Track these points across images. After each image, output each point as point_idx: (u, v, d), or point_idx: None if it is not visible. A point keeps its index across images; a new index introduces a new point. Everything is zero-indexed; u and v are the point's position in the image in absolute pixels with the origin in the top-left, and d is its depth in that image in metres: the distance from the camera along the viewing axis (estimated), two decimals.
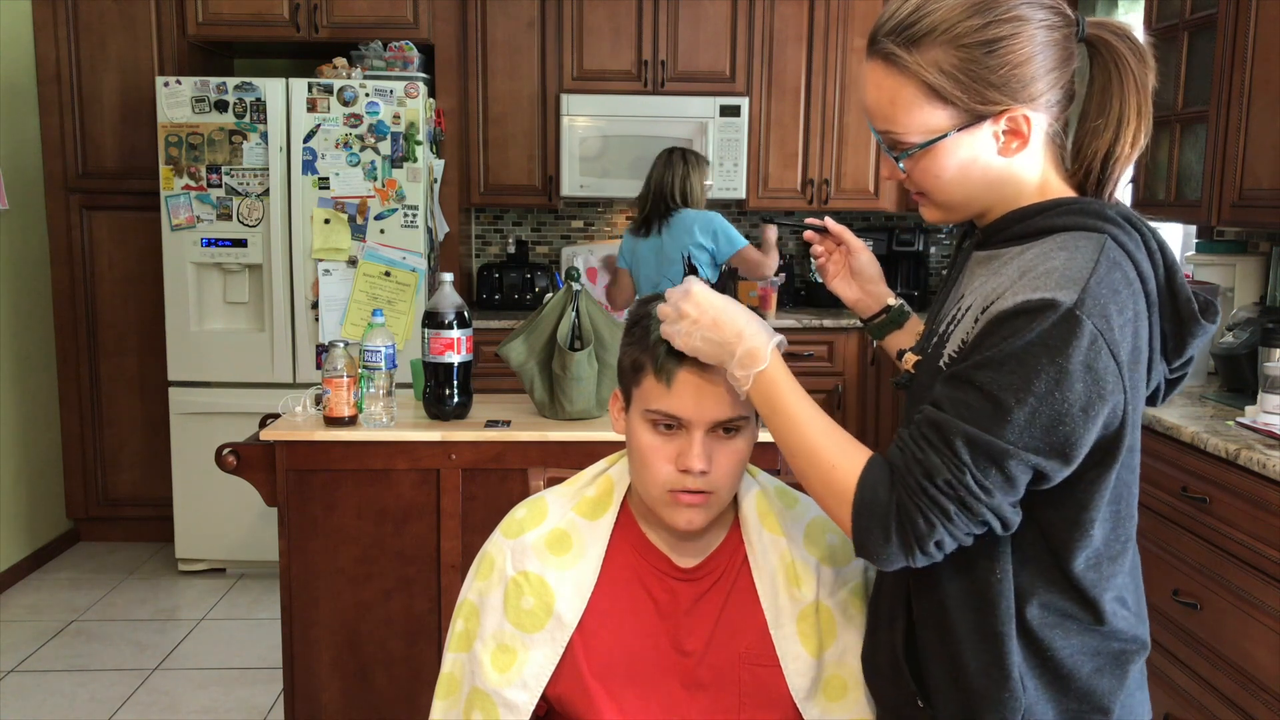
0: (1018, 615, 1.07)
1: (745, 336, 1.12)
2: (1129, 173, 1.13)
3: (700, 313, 1.14)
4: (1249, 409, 2.42)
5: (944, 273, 4.79)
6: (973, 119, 1.05)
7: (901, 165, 1.11)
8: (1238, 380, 2.75)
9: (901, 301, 1.41)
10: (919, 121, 1.07)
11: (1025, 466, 0.99)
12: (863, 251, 1.41)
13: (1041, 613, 1.07)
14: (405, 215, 3.71)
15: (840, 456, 1.07)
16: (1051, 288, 0.98)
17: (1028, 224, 1.09)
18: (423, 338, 2.33)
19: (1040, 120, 1.07)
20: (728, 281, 1.11)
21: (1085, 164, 1.11)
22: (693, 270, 1.27)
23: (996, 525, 1.02)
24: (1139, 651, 1.12)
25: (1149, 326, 1.04)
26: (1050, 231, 1.06)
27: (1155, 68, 1.10)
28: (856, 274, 1.42)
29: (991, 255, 1.12)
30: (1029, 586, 1.07)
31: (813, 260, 1.47)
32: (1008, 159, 1.08)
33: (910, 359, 1.18)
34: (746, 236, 3.53)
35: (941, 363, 1.09)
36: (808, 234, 1.44)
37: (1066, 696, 1.09)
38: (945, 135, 1.06)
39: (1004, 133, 1.07)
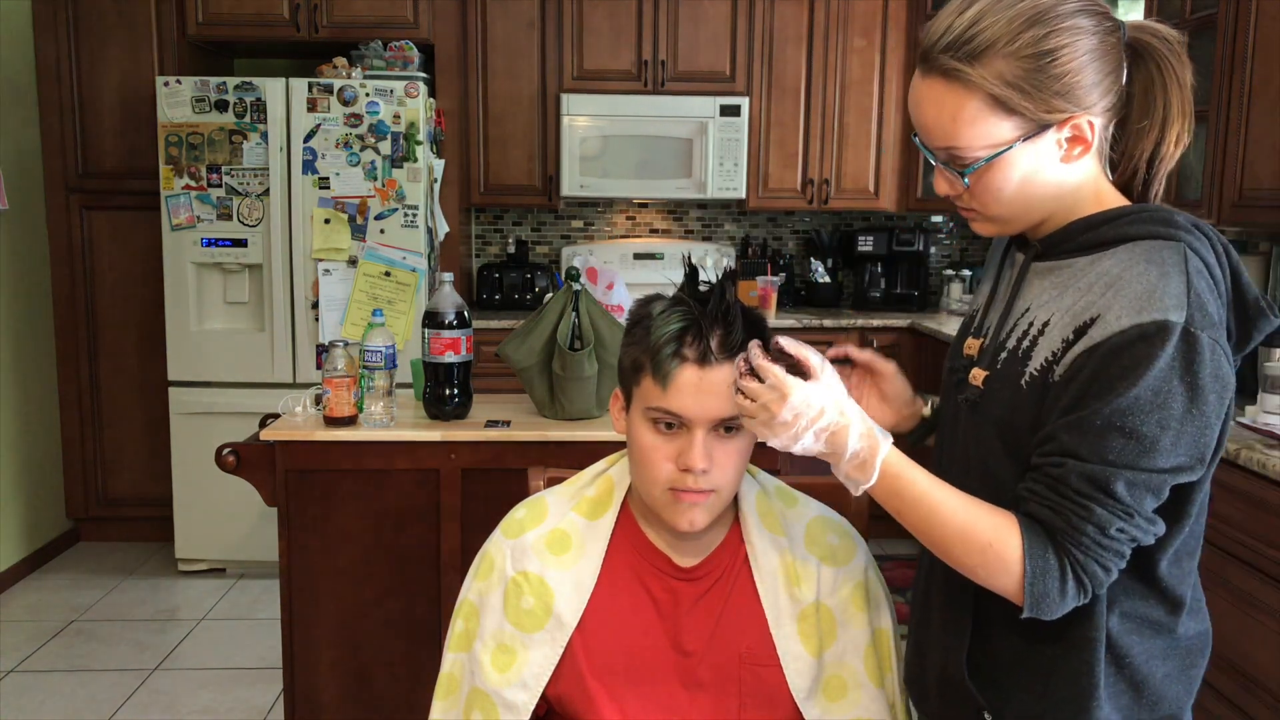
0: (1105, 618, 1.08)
1: (850, 451, 1.07)
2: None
3: (799, 424, 1.08)
4: (1249, 409, 2.42)
5: (967, 273, 4.65)
6: (1037, 128, 1.05)
7: (966, 181, 1.09)
8: (1238, 380, 2.74)
9: (933, 402, 1.34)
10: (985, 135, 1.06)
11: (1175, 480, 1.02)
12: (895, 377, 1.31)
13: (1121, 620, 1.08)
14: (405, 215, 3.71)
15: (994, 533, 1.04)
16: (1158, 308, 0.99)
17: (1096, 233, 1.08)
18: (423, 338, 2.33)
19: (1099, 126, 1.08)
20: (726, 284, 1.11)
21: (1132, 166, 1.12)
22: (693, 270, 1.26)
23: (1153, 539, 1.04)
24: (1206, 648, 1.14)
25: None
26: (1122, 240, 1.07)
27: (1192, 66, 1.11)
28: (890, 399, 1.32)
29: (1055, 266, 1.11)
30: (1111, 593, 1.08)
31: None
32: (1068, 165, 1.08)
33: (978, 374, 1.14)
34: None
35: (1024, 381, 1.08)
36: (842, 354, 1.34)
37: (1138, 705, 1.10)
38: (1010, 147, 1.06)
39: (1067, 140, 1.07)
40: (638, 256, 4.60)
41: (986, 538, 1.04)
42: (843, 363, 1.31)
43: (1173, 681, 1.11)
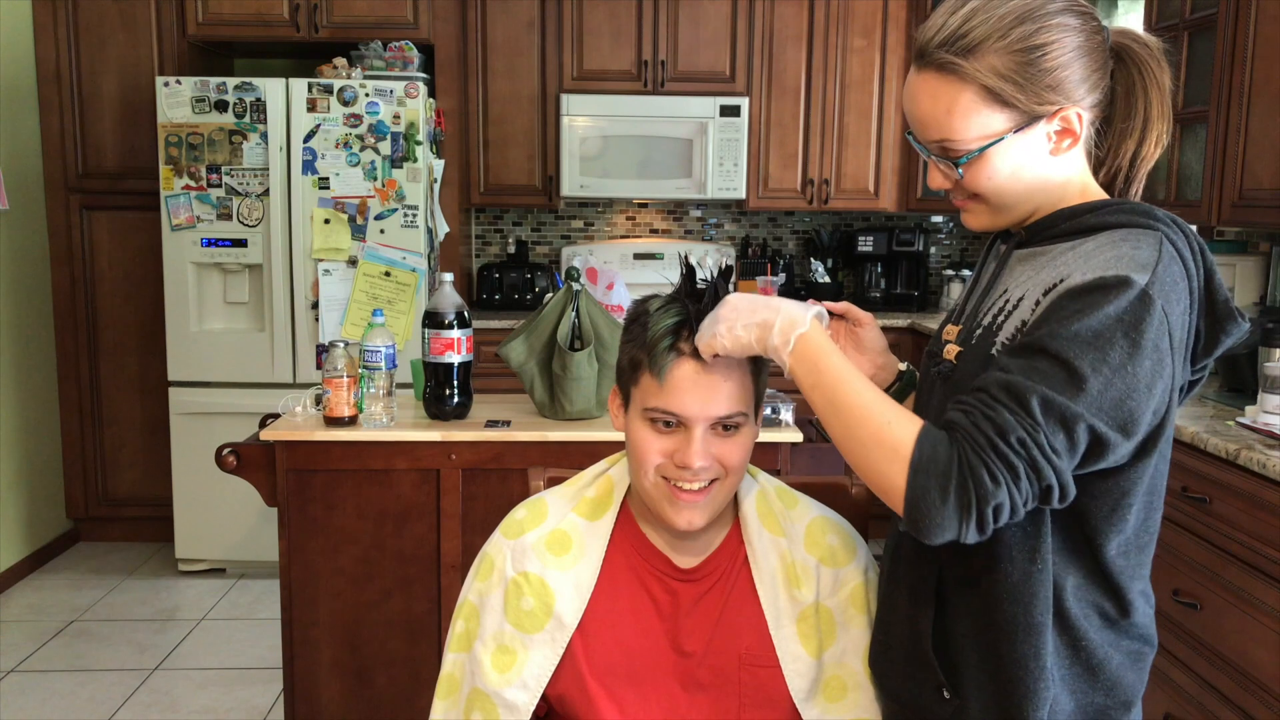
0: (1055, 603, 1.09)
1: (783, 309, 1.12)
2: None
3: (737, 313, 1.14)
4: (1249, 409, 2.42)
5: (967, 273, 4.70)
6: (1029, 120, 1.09)
7: (960, 171, 1.13)
8: (1238, 380, 2.75)
9: (910, 366, 1.38)
10: (978, 126, 1.10)
11: (1089, 434, 0.99)
12: (870, 325, 1.36)
13: (1077, 601, 1.09)
14: (405, 215, 3.71)
15: (895, 413, 1.04)
16: (1125, 267, 1.02)
17: (1078, 221, 1.12)
18: (423, 338, 2.33)
19: (1087, 120, 1.12)
20: (720, 281, 1.11)
21: (1116, 164, 1.17)
22: (690, 270, 1.26)
23: (1057, 492, 1.00)
24: (1149, 654, 1.15)
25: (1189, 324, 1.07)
26: (1103, 228, 1.09)
27: (1171, 71, 1.15)
28: (866, 349, 1.36)
29: (1036, 252, 1.15)
30: (1064, 574, 1.09)
31: None
32: (1056, 159, 1.12)
33: (953, 349, 1.18)
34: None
35: (995, 350, 1.10)
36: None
37: (1093, 688, 1.11)
38: (1002, 138, 1.10)
39: (1056, 132, 1.11)
40: (638, 256, 4.60)
41: (887, 416, 1.03)
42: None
43: (1127, 670, 1.12)
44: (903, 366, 1.38)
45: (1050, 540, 1.08)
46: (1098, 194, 1.16)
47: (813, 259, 4.66)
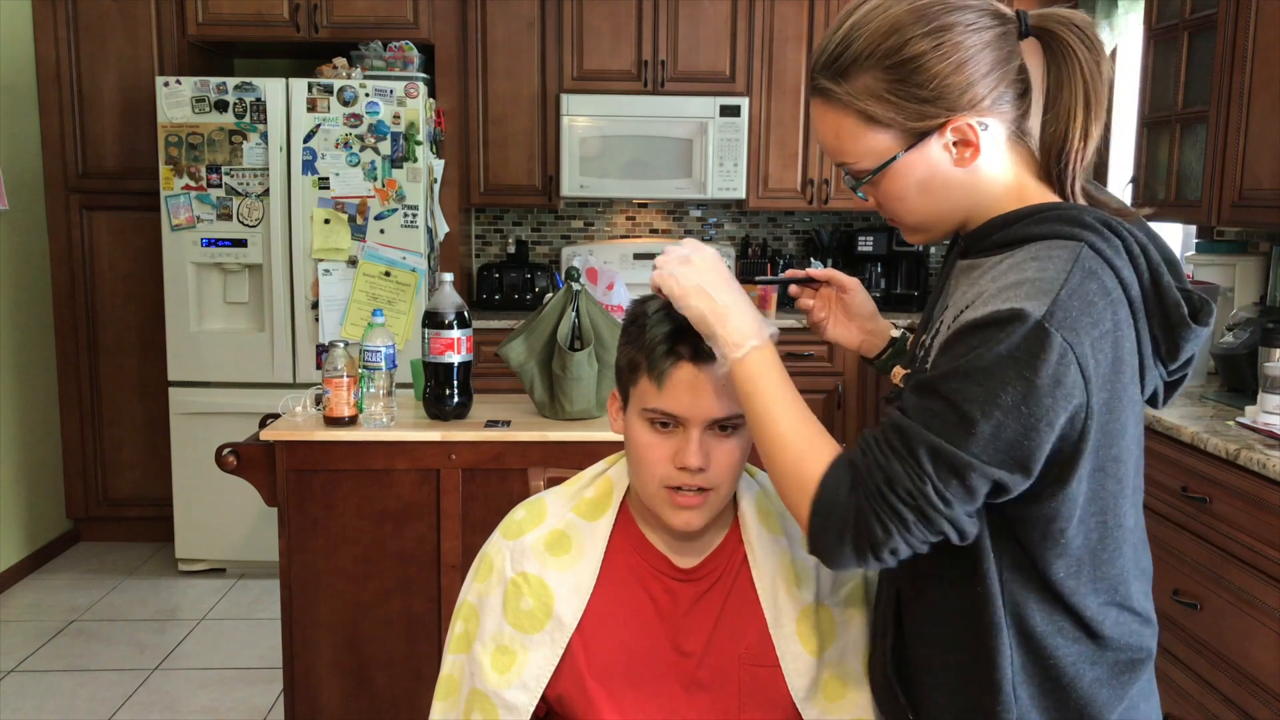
0: (1020, 623, 1.06)
1: (729, 323, 1.11)
2: (1088, 162, 1.09)
3: (700, 274, 1.14)
4: (1249, 409, 2.42)
5: (933, 284, 4.65)
6: (915, 137, 1.05)
7: (860, 194, 1.12)
8: (1238, 380, 2.75)
9: (904, 331, 1.37)
10: (866, 148, 1.07)
11: (986, 480, 0.98)
12: (857, 290, 1.35)
13: (1043, 619, 1.06)
14: (405, 215, 3.71)
15: (808, 448, 1.05)
16: (1021, 298, 0.96)
17: (1007, 232, 1.07)
18: (423, 338, 2.33)
19: (994, 125, 1.06)
20: None
21: (1048, 160, 1.10)
22: None
23: (954, 536, 1.00)
24: (1143, 661, 1.10)
25: (1136, 333, 1.03)
26: (1027, 240, 1.05)
27: (1107, 57, 1.07)
28: (854, 314, 1.35)
29: (973, 264, 1.11)
30: (1024, 592, 1.05)
31: (805, 315, 1.40)
32: (966, 169, 1.07)
33: (898, 373, 1.17)
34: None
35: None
36: (793, 289, 1.38)
37: (1064, 706, 1.07)
38: (895, 158, 1.06)
39: (954, 144, 1.06)
40: (638, 256, 4.60)
41: (800, 450, 1.05)
42: (805, 282, 1.36)
43: (1102, 686, 1.07)
44: (896, 333, 1.36)
45: (993, 561, 1.05)
46: (1037, 195, 1.09)
47: (813, 259, 4.66)
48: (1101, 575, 1.07)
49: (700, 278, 1.14)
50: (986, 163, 1.07)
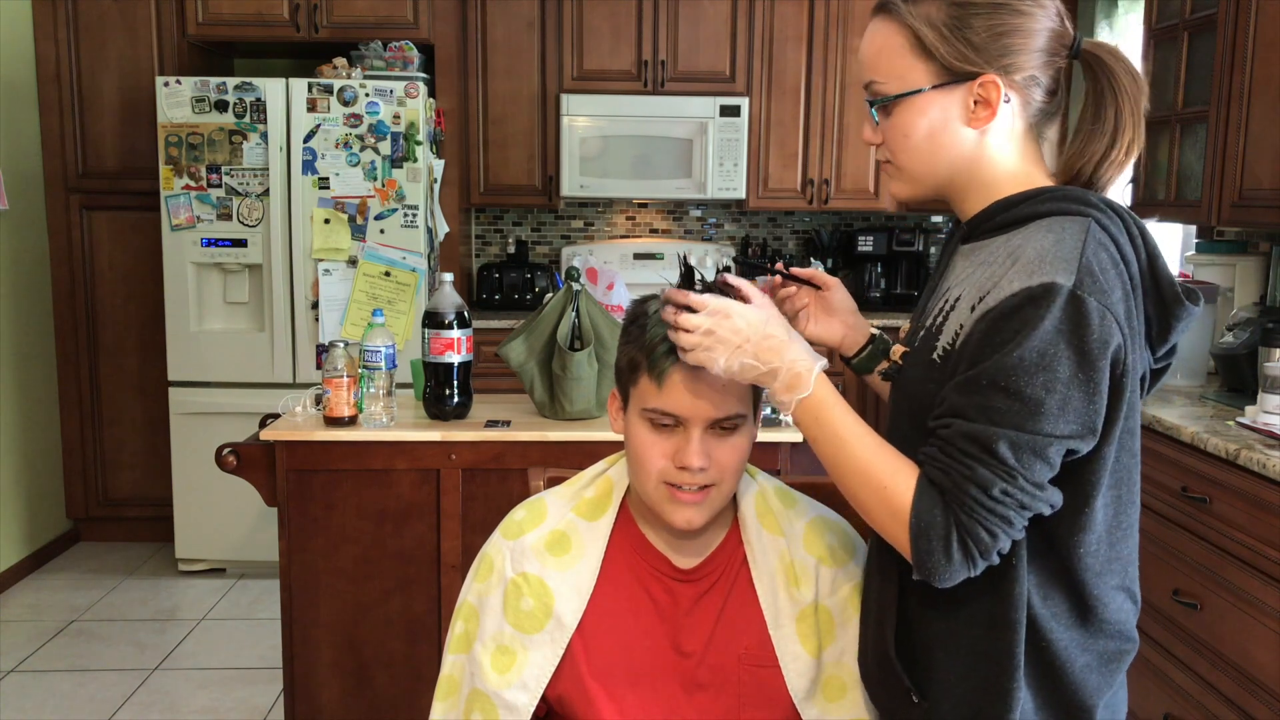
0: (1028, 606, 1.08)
1: (786, 358, 1.11)
2: (1126, 175, 1.16)
3: (743, 339, 1.12)
4: (1249, 409, 2.42)
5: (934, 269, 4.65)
6: (949, 77, 1.09)
7: (874, 114, 1.14)
8: (1238, 380, 2.75)
9: (881, 332, 1.40)
10: (900, 70, 1.12)
11: (1063, 448, 1.01)
12: (836, 287, 1.38)
13: (1042, 601, 1.08)
14: (405, 215, 3.71)
15: (892, 477, 1.06)
16: (1047, 271, 1.00)
17: (1012, 213, 1.11)
18: (423, 338, 2.33)
19: (1016, 103, 1.11)
20: (712, 282, 1.11)
21: (1078, 166, 1.14)
22: (689, 270, 1.26)
23: (1048, 510, 1.04)
24: (1128, 652, 1.13)
25: (1132, 310, 1.06)
26: (1034, 218, 1.08)
27: (1148, 91, 1.14)
28: (835, 310, 1.38)
29: (977, 247, 1.14)
30: (1031, 574, 1.08)
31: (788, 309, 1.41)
32: (975, 131, 1.11)
33: (898, 350, 1.19)
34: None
35: (935, 355, 1.09)
36: (776, 280, 1.40)
37: (1056, 689, 1.09)
38: (920, 90, 1.10)
39: (975, 101, 1.10)
40: (638, 256, 4.60)
41: (885, 479, 1.06)
42: (788, 277, 1.37)
43: (1091, 672, 1.10)
44: (875, 330, 1.39)
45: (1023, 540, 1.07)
46: (1042, 185, 1.13)
47: (813, 259, 4.66)
48: (1115, 555, 1.10)
49: (734, 344, 1.12)
50: (996, 138, 1.12)
